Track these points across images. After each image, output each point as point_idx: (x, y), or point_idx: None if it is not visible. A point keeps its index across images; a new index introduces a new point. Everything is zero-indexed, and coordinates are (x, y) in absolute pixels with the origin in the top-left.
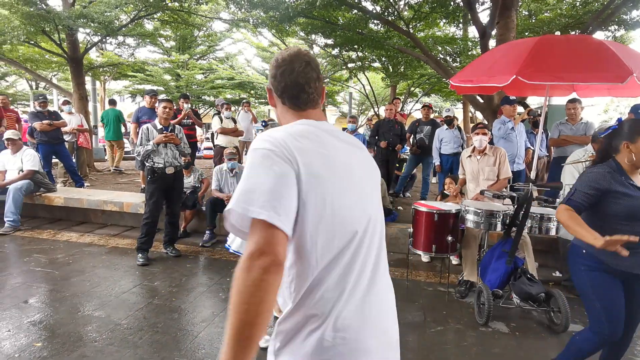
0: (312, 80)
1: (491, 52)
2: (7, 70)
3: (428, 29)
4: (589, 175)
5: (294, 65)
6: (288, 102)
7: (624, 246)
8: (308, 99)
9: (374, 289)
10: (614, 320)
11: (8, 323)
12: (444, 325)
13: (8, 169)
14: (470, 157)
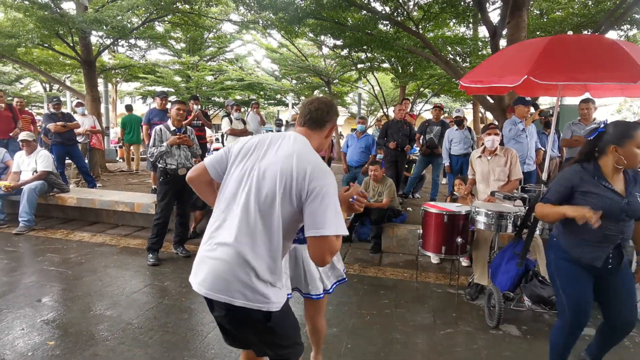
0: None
1: (502, 52)
2: (21, 72)
3: (438, 29)
4: (561, 174)
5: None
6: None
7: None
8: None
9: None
10: (577, 309)
11: (22, 322)
12: (453, 328)
13: (23, 170)
14: (481, 157)
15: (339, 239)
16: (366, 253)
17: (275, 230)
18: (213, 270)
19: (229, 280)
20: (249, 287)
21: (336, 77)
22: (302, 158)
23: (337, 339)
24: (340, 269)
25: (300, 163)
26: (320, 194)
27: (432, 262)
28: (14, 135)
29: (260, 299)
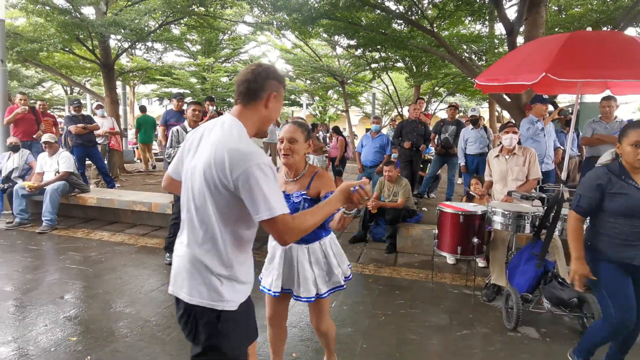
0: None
1: (519, 49)
2: (43, 76)
3: (452, 28)
4: (588, 177)
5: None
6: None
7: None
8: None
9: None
10: (623, 307)
11: (45, 318)
12: (470, 329)
13: (45, 171)
14: (498, 156)
15: (289, 216)
16: (381, 253)
17: (214, 224)
18: (175, 268)
19: (185, 278)
20: (203, 284)
21: (350, 77)
22: (219, 147)
23: (351, 339)
24: (338, 275)
25: (218, 153)
26: (246, 181)
27: (447, 263)
28: (37, 137)
29: (214, 296)
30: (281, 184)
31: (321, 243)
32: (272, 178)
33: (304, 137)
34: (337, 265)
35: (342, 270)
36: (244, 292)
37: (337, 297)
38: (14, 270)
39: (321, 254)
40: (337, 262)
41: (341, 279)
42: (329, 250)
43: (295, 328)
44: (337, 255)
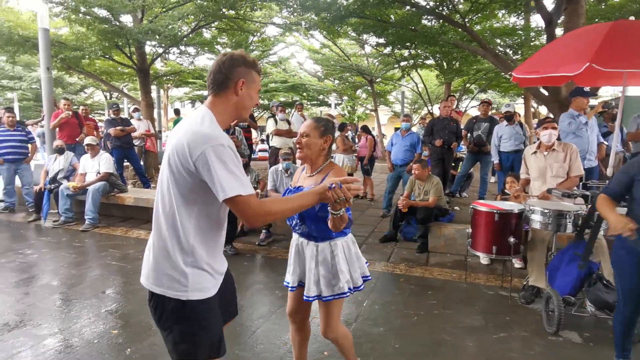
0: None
1: (559, 40)
2: (85, 82)
3: (485, 22)
4: (625, 164)
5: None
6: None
7: None
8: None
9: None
10: (630, 298)
11: (89, 311)
12: (507, 332)
13: (87, 172)
14: (536, 153)
15: (251, 198)
16: (412, 253)
17: (175, 210)
18: (144, 258)
19: (151, 268)
20: (166, 274)
21: (379, 76)
22: (181, 134)
23: (383, 338)
24: (343, 281)
25: (180, 139)
26: (205, 162)
27: (481, 263)
28: (80, 140)
29: (177, 286)
30: (301, 179)
31: (331, 244)
32: (231, 159)
33: (318, 132)
34: (345, 272)
35: (350, 277)
36: (212, 282)
37: (368, 296)
38: (60, 266)
39: (329, 255)
40: (346, 268)
41: (345, 287)
42: (339, 253)
43: None
44: (348, 261)
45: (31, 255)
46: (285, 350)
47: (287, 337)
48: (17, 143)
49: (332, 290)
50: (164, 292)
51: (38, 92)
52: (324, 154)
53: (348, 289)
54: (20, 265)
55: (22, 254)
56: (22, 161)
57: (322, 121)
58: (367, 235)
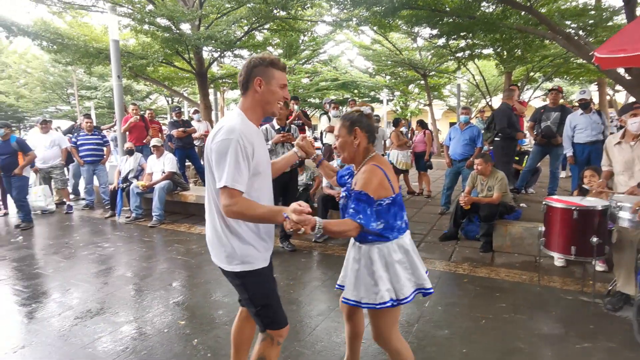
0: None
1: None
2: (150, 89)
3: (551, 3)
4: None
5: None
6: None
7: None
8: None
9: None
10: None
11: (159, 302)
12: (592, 342)
13: (154, 171)
14: (620, 144)
15: (234, 192)
16: (475, 252)
17: (213, 193)
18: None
19: (211, 246)
20: (221, 249)
21: (433, 69)
22: (214, 129)
23: (449, 342)
24: (382, 290)
25: (211, 134)
26: (215, 150)
27: (554, 265)
28: (147, 142)
29: (230, 260)
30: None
31: (370, 248)
32: (237, 153)
33: (345, 130)
34: (384, 279)
35: (392, 287)
36: (258, 255)
37: (430, 297)
38: (133, 259)
39: (368, 259)
40: (385, 275)
41: (386, 296)
42: (377, 259)
43: None
44: (389, 269)
45: (108, 249)
46: (345, 349)
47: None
48: (95, 146)
49: (372, 297)
50: (223, 267)
51: (110, 100)
52: (361, 148)
53: (390, 299)
54: (99, 257)
55: (101, 247)
56: (99, 162)
57: (347, 116)
58: (425, 233)
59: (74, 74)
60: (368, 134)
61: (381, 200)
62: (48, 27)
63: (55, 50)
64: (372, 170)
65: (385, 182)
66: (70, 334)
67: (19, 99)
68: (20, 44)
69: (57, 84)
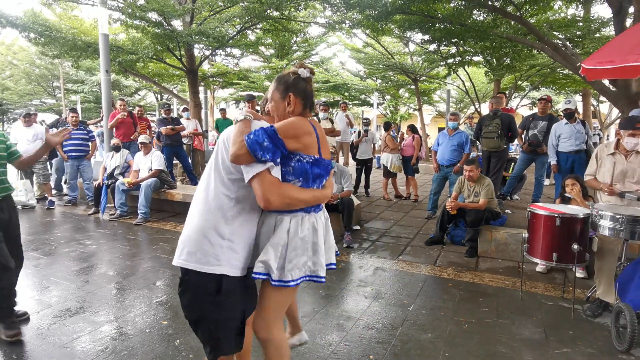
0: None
1: (634, 29)
2: (139, 85)
3: (540, 14)
4: None
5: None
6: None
7: None
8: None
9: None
10: None
11: (141, 301)
12: (571, 347)
13: (141, 169)
14: (614, 154)
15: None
16: (460, 256)
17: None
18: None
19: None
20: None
21: (423, 74)
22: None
23: (432, 345)
24: (258, 259)
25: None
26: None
27: (536, 271)
28: (134, 139)
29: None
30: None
31: (280, 217)
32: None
33: (278, 94)
34: (266, 252)
35: (274, 260)
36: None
37: (414, 300)
38: (116, 257)
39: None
40: (280, 250)
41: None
42: (282, 230)
43: (372, 329)
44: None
45: (90, 246)
46: (329, 351)
47: (331, 337)
48: (80, 141)
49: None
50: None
51: (97, 94)
52: (295, 115)
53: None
54: (81, 254)
55: (83, 245)
56: (83, 158)
57: (281, 78)
58: (411, 237)
59: (60, 66)
60: (304, 101)
61: (302, 156)
62: (37, 18)
63: (43, 43)
64: (299, 118)
65: (311, 139)
66: (48, 333)
67: (4, 90)
68: (7, 35)
69: (43, 77)
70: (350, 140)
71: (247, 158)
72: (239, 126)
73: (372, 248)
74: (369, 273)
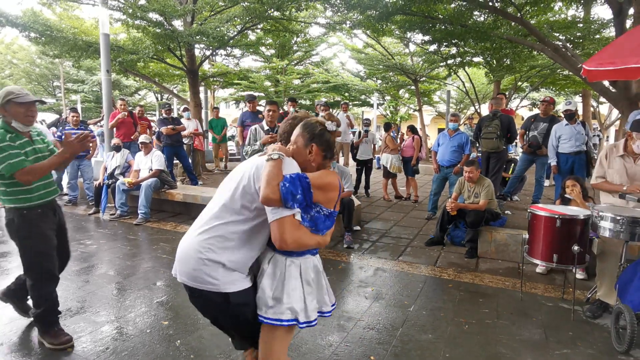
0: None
1: (634, 30)
2: (139, 85)
3: (541, 15)
4: None
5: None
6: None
7: None
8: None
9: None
10: None
11: (142, 302)
12: (571, 349)
13: (141, 169)
14: (624, 156)
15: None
16: (460, 257)
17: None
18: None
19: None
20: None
21: (423, 75)
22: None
23: (433, 346)
24: (284, 306)
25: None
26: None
27: (536, 272)
28: (135, 139)
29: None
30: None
31: (286, 259)
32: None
33: (302, 141)
34: (289, 294)
35: (284, 304)
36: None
37: (414, 300)
38: (116, 257)
39: (282, 271)
40: (295, 293)
41: (283, 313)
42: (293, 273)
43: (372, 330)
44: (299, 287)
45: (91, 246)
46: (330, 352)
47: (332, 338)
48: None
49: (270, 313)
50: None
51: (98, 94)
52: (315, 165)
53: (294, 318)
54: (81, 254)
55: (83, 244)
56: (84, 158)
57: (308, 126)
58: (411, 238)
59: (61, 66)
60: (325, 152)
61: (321, 208)
62: (37, 18)
63: (44, 43)
64: (330, 173)
65: (334, 195)
66: None
67: None
68: (7, 34)
69: (43, 76)
70: (350, 141)
71: (278, 203)
72: (273, 167)
73: (373, 249)
74: (370, 274)
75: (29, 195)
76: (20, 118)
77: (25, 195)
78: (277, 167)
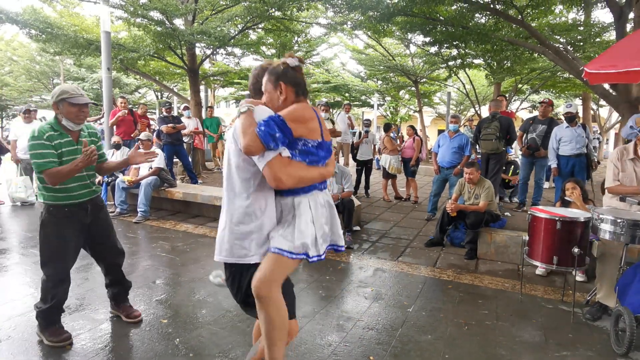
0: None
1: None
2: (140, 83)
3: (541, 18)
4: None
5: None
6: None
7: None
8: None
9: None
10: None
11: (141, 300)
12: (570, 351)
13: (141, 167)
14: (634, 160)
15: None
16: (460, 258)
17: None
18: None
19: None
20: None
21: (424, 76)
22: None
23: (432, 347)
24: (298, 242)
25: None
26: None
27: (536, 274)
28: (135, 137)
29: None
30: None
31: (294, 198)
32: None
33: (271, 85)
34: (303, 232)
35: (296, 237)
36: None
37: (414, 301)
38: None
39: (291, 209)
40: (306, 228)
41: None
42: (305, 209)
43: (372, 330)
44: (311, 222)
45: None
46: (329, 352)
47: (331, 338)
48: None
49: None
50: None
51: (98, 92)
52: (288, 103)
53: (304, 252)
54: (80, 252)
55: None
56: None
57: (272, 70)
58: (411, 239)
59: (61, 63)
60: (295, 88)
61: (306, 141)
62: (38, 15)
63: (44, 40)
64: (302, 104)
65: (314, 124)
66: None
67: (3, 87)
68: (7, 31)
69: (44, 73)
70: (350, 141)
71: (260, 149)
72: (245, 118)
73: (372, 249)
74: (369, 274)
75: (57, 194)
76: (71, 117)
77: (54, 194)
78: (249, 117)
